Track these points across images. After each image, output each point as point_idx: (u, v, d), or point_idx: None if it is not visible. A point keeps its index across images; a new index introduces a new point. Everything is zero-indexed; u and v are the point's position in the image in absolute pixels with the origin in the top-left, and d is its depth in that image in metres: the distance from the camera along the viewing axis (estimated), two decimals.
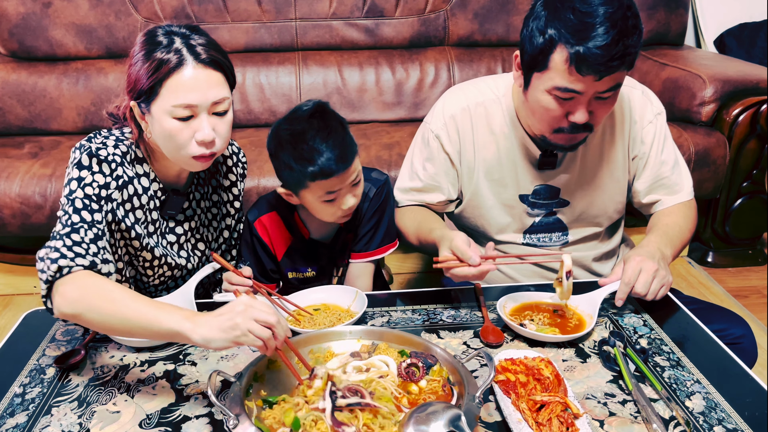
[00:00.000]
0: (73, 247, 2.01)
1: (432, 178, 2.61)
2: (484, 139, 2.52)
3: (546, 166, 2.50)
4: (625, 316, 2.24)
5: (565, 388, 1.82)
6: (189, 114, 2.08)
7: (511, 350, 1.98)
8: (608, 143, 2.51)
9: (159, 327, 1.81)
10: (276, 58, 4.62)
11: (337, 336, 1.97)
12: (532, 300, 2.29)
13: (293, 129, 2.34)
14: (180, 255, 2.43)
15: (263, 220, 2.57)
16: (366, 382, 1.76)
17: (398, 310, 2.32)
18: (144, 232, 2.27)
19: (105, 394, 1.91)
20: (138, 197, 2.23)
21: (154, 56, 2.07)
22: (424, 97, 4.63)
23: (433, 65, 4.68)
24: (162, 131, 2.11)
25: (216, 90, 2.11)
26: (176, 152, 2.15)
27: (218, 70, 2.12)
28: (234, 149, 2.60)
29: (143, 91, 2.09)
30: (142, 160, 2.27)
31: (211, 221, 2.54)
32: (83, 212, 2.08)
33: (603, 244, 2.70)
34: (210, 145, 2.13)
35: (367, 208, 2.58)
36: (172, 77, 2.06)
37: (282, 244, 2.59)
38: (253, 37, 4.62)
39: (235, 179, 2.58)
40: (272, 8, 4.58)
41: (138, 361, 2.06)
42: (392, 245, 2.66)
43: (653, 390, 1.85)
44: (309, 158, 2.28)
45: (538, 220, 2.60)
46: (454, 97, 2.59)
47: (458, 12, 4.70)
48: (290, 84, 4.56)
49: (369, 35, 4.70)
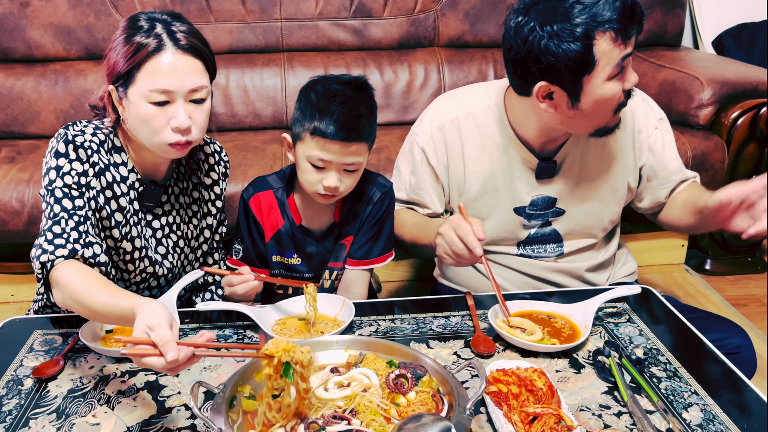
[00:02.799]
0: (54, 239, 2.07)
1: (415, 192, 2.64)
2: (475, 151, 2.53)
3: (545, 174, 2.51)
4: (621, 325, 2.25)
5: (559, 399, 1.82)
6: (165, 99, 2.12)
7: (503, 360, 1.99)
8: (608, 152, 2.53)
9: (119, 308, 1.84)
10: (261, 59, 4.61)
11: (323, 346, 1.96)
12: (525, 309, 2.29)
13: (326, 83, 2.39)
14: (157, 251, 2.45)
15: (260, 196, 2.58)
16: (349, 397, 1.76)
17: (387, 319, 2.32)
18: (124, 221, 2.30)
19: (84, 405, 1.90)
20: (117, 185, 2.26)
21: (134, 40, 2.11)
22: (414, 99, 4.63)
23: (422, 67, 4.67)
24: (138, 116, 2.15)
25: (194, 77, 2.15)
26: (151, 138, 2.18)
27: (198, 57, 2.17)
28: (216, 148, 2.62)
29: (121, 75, 2.13)
30: (120, 149, 2.30)
31: (191, 218, 2.55)
32: (64, 201, 2.14)
33: (599, 253, 2.71)
34: (185, 132, 2.17)
35: (370, 213, 2.57)
36: (149, 61, 2.11)
37: (272, 225, 2.59)
38: (237, 38, 4.61)
39: (217, 178, 2.60)
40: (257, 8, 4.57)
41: (118, 371, 2.05)
42: (390, 255, 2.67)
43: (649, 401, 1.86)
44: (319, 111, 2.30)
45: (533, 232, 2.60)
46: (443, 107, 2.60)
47: (448, 12, 4.70)
48: (275, 86, 4.55)
49: (356, 36, 4.70)
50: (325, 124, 2.28)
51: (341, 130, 2.29)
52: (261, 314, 2.27)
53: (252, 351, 1.81)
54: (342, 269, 2.66)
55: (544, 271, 2.65)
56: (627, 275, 2.81)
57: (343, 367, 1.89)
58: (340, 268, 2.66)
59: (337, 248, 2.64)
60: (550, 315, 2.26)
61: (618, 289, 2.33)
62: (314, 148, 2.33)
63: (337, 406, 1.73)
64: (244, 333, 2.25)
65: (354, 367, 1.88)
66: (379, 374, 1.83)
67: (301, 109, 2.38)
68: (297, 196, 2.57)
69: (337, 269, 2.66)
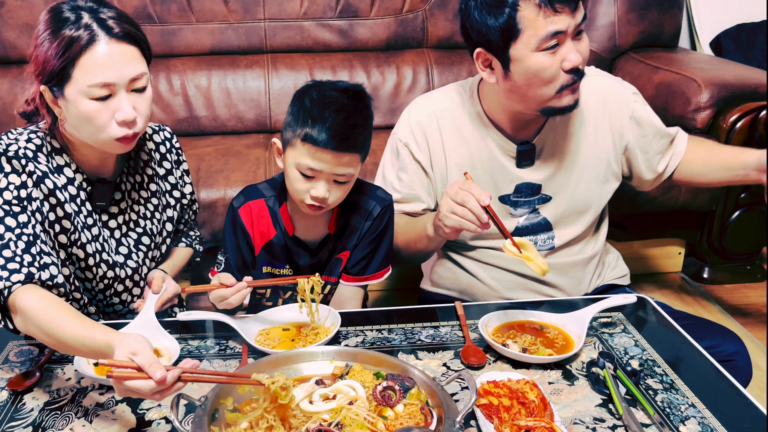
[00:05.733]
0: (6, 264, 2.03)
1: (409, 188, 2.65)
2: (454, 143, 2.57)
3: (525, 159, 2.56)
4: (616, 335, 2.26)
5: (552, 412, 1.83)
6: (107, 93, 2.09)
7: (494, 372, 2.00)
8: (588, 132, 2.59)
9: (93, 342, 1.83)
10: (244, 60, 4.60)
11: (308, 357, 1.97)
12: (516, 319, 2.30)
13: (322, 89, 2.37)
14: (119, 251, 2.43)
15: (250, 205, 2.55)
16: (335, 410, 1.76)
17: (374, 329, 2.32)
18: (72, 227, 2.26)
19: (61, 418, 1.90)
20: (60, 191, 2.22)
21: (63, 34, 2.06)
22: (401, 102, 4.60)
23: (410, 68, 4.67)
24: (79, 115, 2.12)
25: (133, 65, 2.12)
26: (96, 136, 2.15)
27: (133, 44, 2.14)
28: (166, 135, 2.60)
29: (54, 73, 2.09)
30: (60, 151, 2.27)
31: (153, 213, 2.53)
32: (7, 219, 2.10)
33: (588, 246, 2.74)
34: (132, 124, 2.15)
35: (369, 228, 2.55)
36: (84, 55, 2.06)
37: (263, 235, 2.57)
38: (219, 39, 4.59)
39: (170, 167, 2.58)
40: (239, 8, 4.56)
41: (96, 383, 2.05)
42: (387, 270, 2.66)
43: (645, 414, 1.87)
44: (312, 117, 2.28)
45: (522, 221, 2.63)
46: (419, 105, 2.67)
47: (437, 12, 4.70)
48: (259, 88, 4.54)
49: (342, 37, 4.69)
50: (317, 131, 2.26)
51: (334, 138, 2.26)
52: (244, 324, 2.27)
53: (241, 378, 1.79)
54: (335, 284, 2.64)
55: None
56: (619, 277, 2.84)
57: (329, 379, 1.90)
58: (334, 282, 2.64)
59: (333, 262, 2.62)
60: (543, 325, 2.27)
61: (613, 298, 2.34)
62: (304, 156, 2.31)
63: (323, 420, 1.73)
64: (226, 344, 2.25)
65: (340, 379, 1.88)
66: (365, 386, 1.83)
67: (293, 114, 2.35)
68: (290, 206, 2.55)
69: (330, 283, 2.64)
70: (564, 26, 2.24)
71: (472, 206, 2.17)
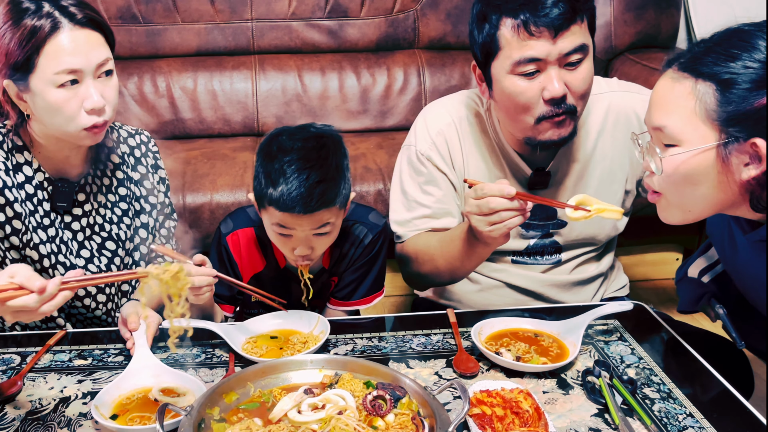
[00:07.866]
0: None
1: (441, 203, 2.57)
2: (472, 155, 2.54)
3: (538, 185, 2.52)
4: (612, 343, 2.26)
5: (546, 422, 1.82)
6: (74, 78, 2.10)
7: (487, 381, 1.99)
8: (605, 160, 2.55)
9: None
10: (230, 62, 4.61)
11: (296, 365, 1.96)
12: (510, 326, 2.30)
13: (283, 142, 2.25)
14: (80, 254, 2.41)
15: (239, 234, 2.48)
16: (324, 420, 1.75)
17: (364, 338, 2.32)
18: (23, 228, 2.25)
19: (44, 428, 1.90)
20: (11, 190, 2.22)
21: (24, 24, 2.08)
22: (392, 104, 4.63)
23: (401, 70, 4.68)
24: (47, 105, 2.12)
25: (98, 51, 2.14)
26: (65, 127, 2.16)
27: (97, 30, 2.16)
28: (143, 138, 2.59)
29: (18, 65, 2.10)
30: (22, 148, 2.27)
31: (121, 218, 2.50)
32: None
33: (594, 265, 2.72)
34: (101, 112, 2.16)
35: (359, 256, 2.51)
36: (48, 43, 2.08)
37: (252, 266, 2.52)
38: (206, 40, 4.61)
39: (146, 171, 2.56)
40: (226, 8, 4.57)
41: (80, 392, 2.05)
42: (378, 294, 2.60)
43: (642, 425, 1.87)
44: (273, 179, 2.19)
45: (533, 243, 2.61)
46: (436, 114, 2.60)
47: (429, 12, 4.70)
48: (246, 90, 4.55)
49: (332, 37, 4.70)
50: (281, 194, 2.17)
51: (300, 202, 2.17)
52: (230, 332, 2.26)
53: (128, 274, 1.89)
54: (323, 308, 2.63)
55: (537, 284, 2.66)
56: (618, 289, 2.84)
57: (318, 388, 1.89)
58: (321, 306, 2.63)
59: (322, 287, 2.58)
60: (537, 333, 2.27)
61: (609, 305, 2.34)
62: (276, 218, 2.23)
63: (312, 430, 1.73)
64: (212, 352, 2.25)
65: (329, 388, 1.87)
66: (355, 395, 1.83)
67: (258, 170, 2.27)
68: None
69: (317, 307, 2.60)
70: (542, 53, 2.20)
71: (501, 206, 2.09)
